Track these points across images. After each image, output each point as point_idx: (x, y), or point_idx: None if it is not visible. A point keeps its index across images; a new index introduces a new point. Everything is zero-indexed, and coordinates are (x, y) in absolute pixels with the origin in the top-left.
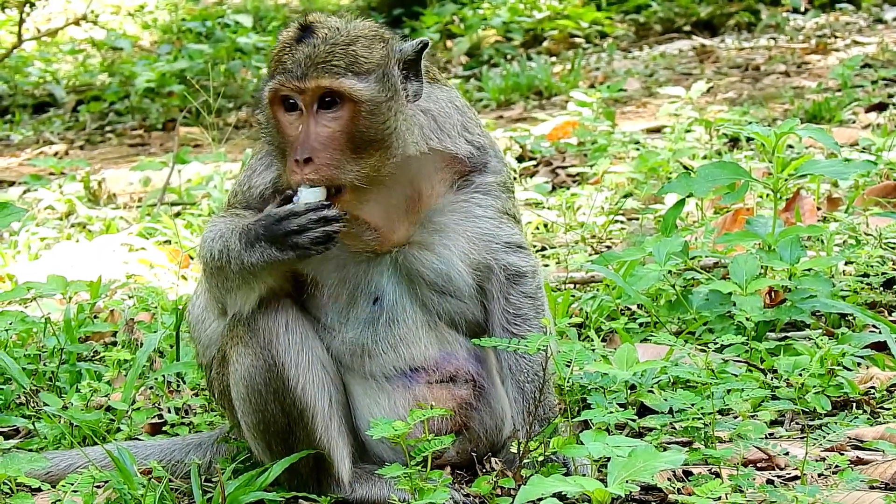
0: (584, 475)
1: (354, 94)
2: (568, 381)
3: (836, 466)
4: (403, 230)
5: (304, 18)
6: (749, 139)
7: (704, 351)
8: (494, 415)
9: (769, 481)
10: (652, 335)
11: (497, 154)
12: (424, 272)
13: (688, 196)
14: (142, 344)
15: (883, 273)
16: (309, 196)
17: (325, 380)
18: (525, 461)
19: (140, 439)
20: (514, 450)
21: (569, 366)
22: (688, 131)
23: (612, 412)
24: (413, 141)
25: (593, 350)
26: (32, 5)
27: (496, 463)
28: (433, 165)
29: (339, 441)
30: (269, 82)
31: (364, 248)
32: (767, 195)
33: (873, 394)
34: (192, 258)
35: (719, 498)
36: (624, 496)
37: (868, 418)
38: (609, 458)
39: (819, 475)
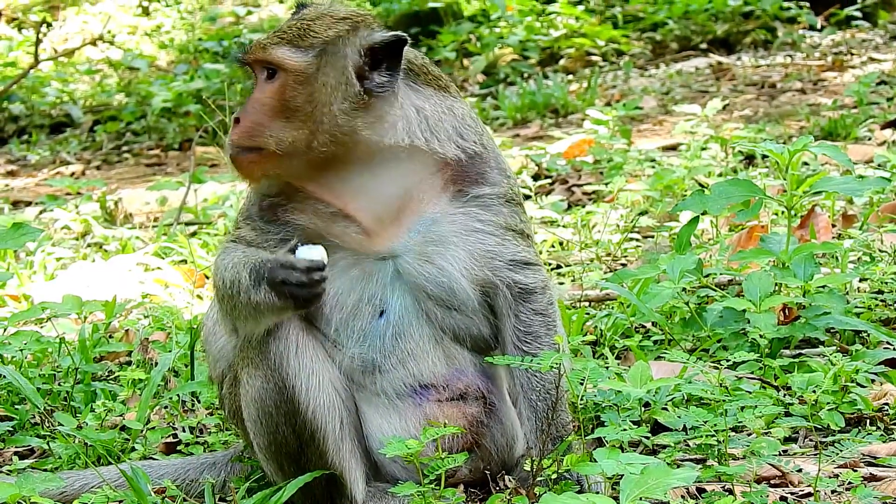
0: (597, 493)
1: (284, 64)
2: (582, 399)
3: (850, 483)
4: (393, 232)
5: None
6: (764, 157)
7: (718, 368)
8: (506, 432)
9: (783, 498)
10: (666, 353)
11: (498, 166)
12: (426, 285)
13: (702, 214)
14: (156, 363)
15: None
16: (308, 253)
17: (335, 401)
18: (539, 479)
19: (155, 458)
20: (527, 468)
21: (582, 383)
22: (703, 149)
23: (625, 430)
24: (393, 133)
25: (607, 367)
26: (49, 25)
27: (509, 481)
28: (423, 167)
29: (351, 462)
30: None
31: (355, 247)
32: (782, 212)
33: (887, 410)
34: (207, 277)
35: None
36: None
37: (882, 435)
38: (622, 476)
39: (832, 492)
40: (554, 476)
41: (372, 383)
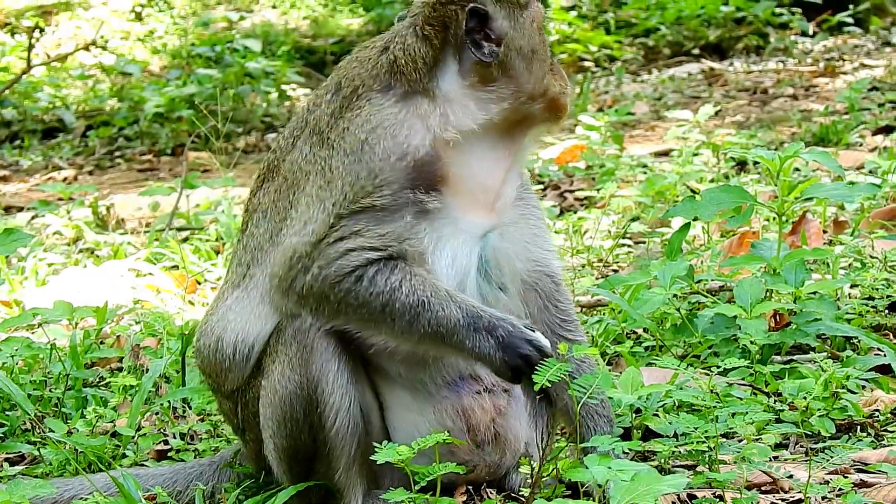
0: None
1: None
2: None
3: (840, 489)
4: (505, 211)
5: None
6: (756, 163)
7: (709, 375)
8: (522, 425)
9: None
10: (657, 359)
11: None
12: (500, 262)
13: (693, 220)
14: (147, 369)
15: (888, 296)
16: (541, 338)
17: (360, 424)
18: (545, 478)
19: (146, 465)
20: (523, 470)
21: (584, 391)
22: (695, 155)
23: (616, 439)
24: None
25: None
26: (42, 30)
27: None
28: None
29: (356, 480)
30: (532, 6)
31: (474, 218)
32: (773, 218)
33: (877, 416)
34: (199, 283)
35: None
36: None
37: (872, 441)
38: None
39: (823, 498)
40: (567, 480)
41: (412, 372)
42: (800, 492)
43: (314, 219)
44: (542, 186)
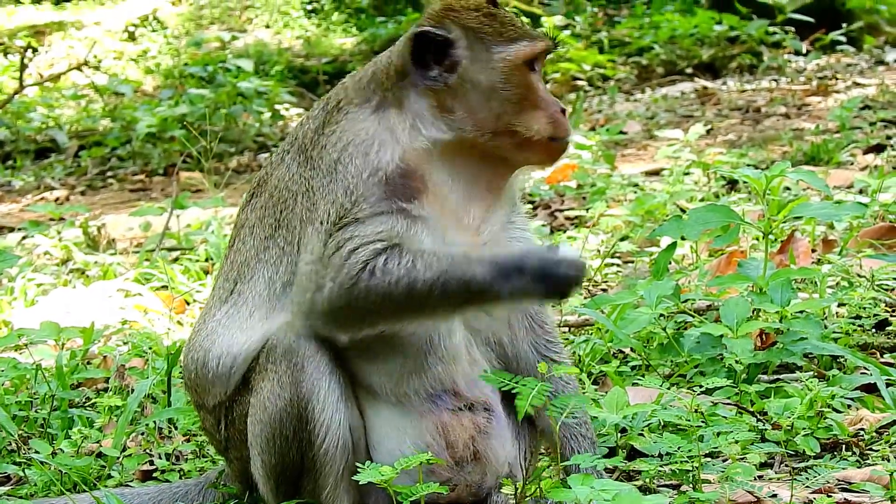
0: None
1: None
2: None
3: None
4: (475, 227)
5: None
6: (746, 182)
7: (692, 394)
8: (504, 446)
9: None
10: (643, 378)
11: None
12: None
13: (680, 239)
14: (133, 390)
15: (875, 315)
16: (570, 252)
17: (349, 443)
18: (528, 499)
19: (131, 486)
20: (506, 491)
21: (562, 412)
22: (686, 174)
23: (599, 457)
24: None
25: (584, 393)
26: (35, 51)
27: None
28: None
29: (343, 498)
30: (516, 43)
31: (462, 242)
32: (761, 237)
33: (863, 436)
34: (188, 303)
35: None
36: None
37: (857, 460)
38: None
39: None
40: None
41: (407, 383)
42: None
43: (310, 240)
44: (532, 205)
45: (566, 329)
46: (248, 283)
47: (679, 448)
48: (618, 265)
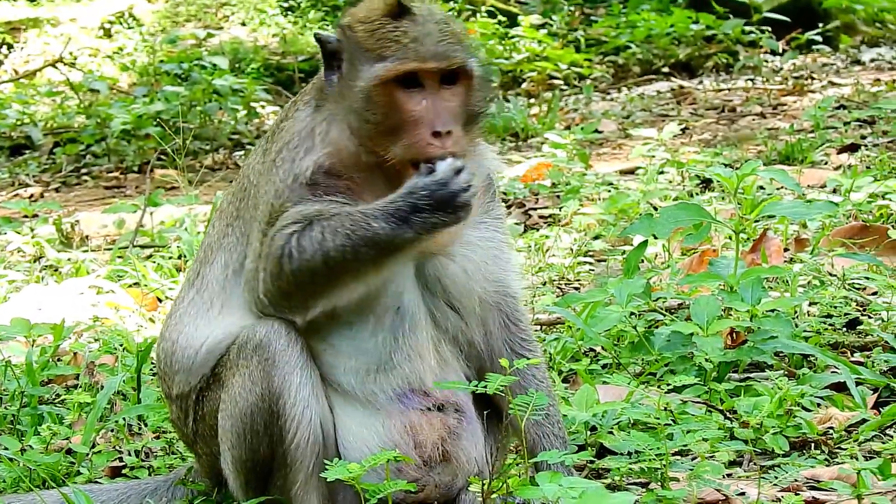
0: None
1: (473, 70)
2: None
3: None
4: (454, 236)
5: None
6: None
7: (660, 392)
8: (476, 446)
9: None
10: (613, 376)
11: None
12: (446, 283)
13: (651, 237)
14: (103, 387)
15: (846, 314)
16: (446, 166)
17: (320, 438)
18: (495, 496)
19: (100, 482)
20: (474, 489)
21: (524, 409)
22: (660, 173)
23: (567, 453)
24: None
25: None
26: (10, 47)
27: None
28: (482, 178)
29: (313, 495)
30: (383, 62)
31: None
32: (733, 236)
33: (831, 434)
34: (160, 300)
35: None
36: None
37: (826, 459)
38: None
39: None
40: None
41: (373, 381)
42: None
43: (254, 238)
44: (507, 204)
45: (538, 327)
46: (210, 267)
47: (648, 446)
48: (591, 263)
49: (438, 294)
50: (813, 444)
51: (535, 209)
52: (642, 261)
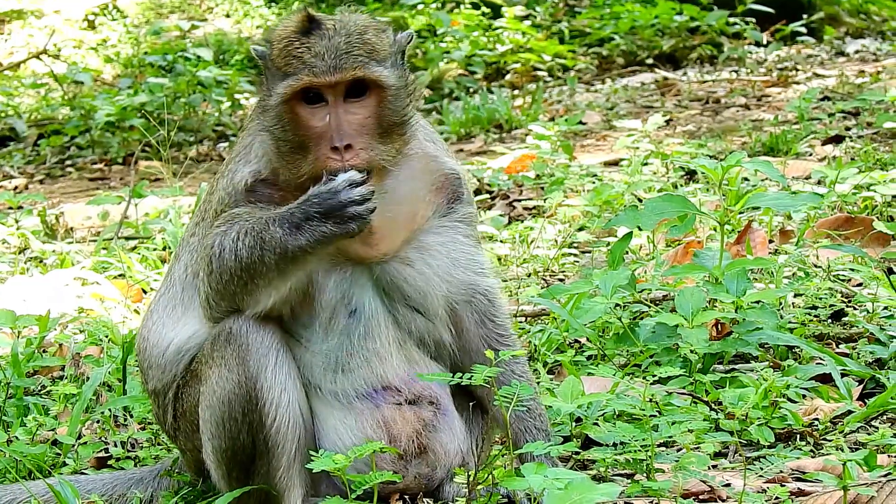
0: None
1: (382, 81)
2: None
3: (777, 498)
4: (395, 243)
5: (304, 12)
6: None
7: (645, 383)
8: (454, 439)
9: None
10: (598, 368)
11: (468, 186)
12: (405, 287)
13: (636, 229)
14: (89, 378)
15: (831, 305)
16: (345, 177)
17: (299, 422)
18: (480, 487)
19: (86, 473)
20: (458, 480)
21: (509, 402)
22: (645, 164)
23: (553, 444)
24: (416, 141)
25: (539, 382)
26: None
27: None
28: (430, 183)
29: (296, 481)
30: (286, 79)
31: (355, 254)
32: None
33: (817, 425)
34: (144, 292)
35: None
36: None
37: (811, 450)
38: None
39: None
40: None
41: (332, 382)
42: (737, 500)
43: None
44: (490, 195)
45: (522, 319)
46: (176, 266)
47: (633, 437)
48: (575, 255)
49: (397, 298)
50: (798, 436)
51: (520, 201)
52: (627, 252)
